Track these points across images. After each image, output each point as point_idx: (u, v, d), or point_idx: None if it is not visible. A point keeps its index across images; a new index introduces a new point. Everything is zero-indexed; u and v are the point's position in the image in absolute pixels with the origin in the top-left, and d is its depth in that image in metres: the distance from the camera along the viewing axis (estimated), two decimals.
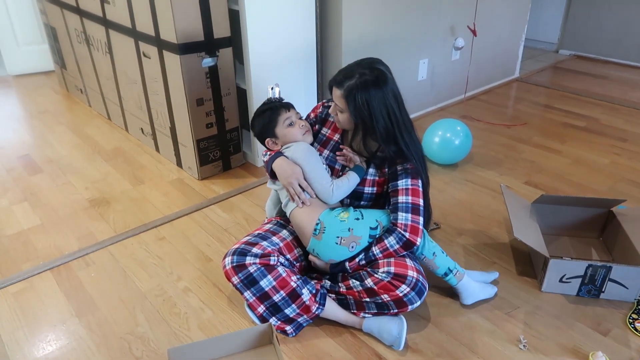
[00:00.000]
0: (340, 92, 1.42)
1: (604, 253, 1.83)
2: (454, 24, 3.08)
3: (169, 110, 2.33)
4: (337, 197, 1.51)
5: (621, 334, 1.48)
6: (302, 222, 1.50)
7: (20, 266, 1.80)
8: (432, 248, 1.53)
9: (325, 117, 1.65)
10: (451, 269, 1.54)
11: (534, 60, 4.36)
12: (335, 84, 1.45)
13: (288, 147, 1.54)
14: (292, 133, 1.55)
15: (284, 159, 1.51)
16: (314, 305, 1.46)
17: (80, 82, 3.25)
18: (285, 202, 1.56)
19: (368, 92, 1.39)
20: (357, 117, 1.43)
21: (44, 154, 2.67)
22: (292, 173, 1.48)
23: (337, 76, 1.45)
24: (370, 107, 1.39)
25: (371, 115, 1.41)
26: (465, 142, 2.40)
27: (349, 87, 1.40)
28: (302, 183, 1.49)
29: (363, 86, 1.39)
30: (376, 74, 1.40)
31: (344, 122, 1.49)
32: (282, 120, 1.54)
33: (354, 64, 1.45)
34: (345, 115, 1.46)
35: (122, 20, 2.37)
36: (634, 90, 3.61)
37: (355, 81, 1.39)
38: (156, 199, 2.23)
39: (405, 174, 1.46)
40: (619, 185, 2.31)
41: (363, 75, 1.39)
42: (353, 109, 1.42)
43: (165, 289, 1.68)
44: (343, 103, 1.43)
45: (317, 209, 1.50)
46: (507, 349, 1.43)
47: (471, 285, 1.57)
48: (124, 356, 1.43)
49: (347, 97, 1.41)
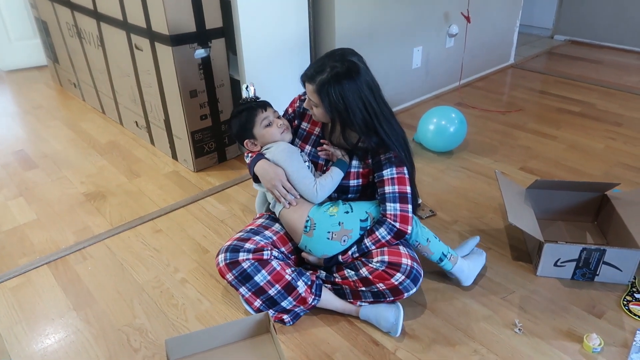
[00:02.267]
0: (313, 87, 1.39)
1: (598, 237, 1.84)
2: (448, 10, 3.07)
3: (163, 103, 2.32)
4: (322, 196, 1.50)
5: (615, 316, 1.50)
6: (292, 221, 1.50)
7: (17, 261, 1.80)
8: (426, 234, 1.53)
9: (303, 111, 1.62)
10: (445, 254, 1.55)
11: (528, 46, 4.35)
12: (307, 79, 1.41)
13: (268, 149, 1.53)
14: (270, 133, 1.53)
15: (265, 161, 1.50)
16: (310, 296, 1.46)
17: (74, 76, 3.23)
18: (273, 203, 1.55)
19: (341, 85, 1.35)
20: (332, 112, 1.40)
21: (38, 149, 2.66)
22: (275, 176, 1.47)
23: (309, 70, 1.41)
24: (345, 101, 1.36)
25: (347, 108, 1.38)
26: (460, 129, 2.40)
27: (320, 81, 1.37)
28: (285, 185, 1.48)
29: (335, 80, 1.35)
30: (348, 65, 1.36)
31: (320, 116, 1.47)
32: (260, 121, 1.52)
33: (325, 57, 1.41)
34: (320, 109, 1.43)
35: (113, 13, 2.35)
36: (629, 74, 3.61)
37: (327, 75, 1.36)
38: (152, 191, 2.23)
39: (389, 163, 1.45)
40: (613, 170, 2.32)
41: (334, 68, 1.36)
42: (328, 104, 1.39)
43: (163, 281, 1.69)
44: (316, 98, 1.40)
45: (305, 206, 1.50)
46: (503, 333, 1.44)
47: (465, 266, 1.58)
48: (122, 348, 1.43)
49: (320, 92, 1.38)
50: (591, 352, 1.37)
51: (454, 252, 1.57)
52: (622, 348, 1.39)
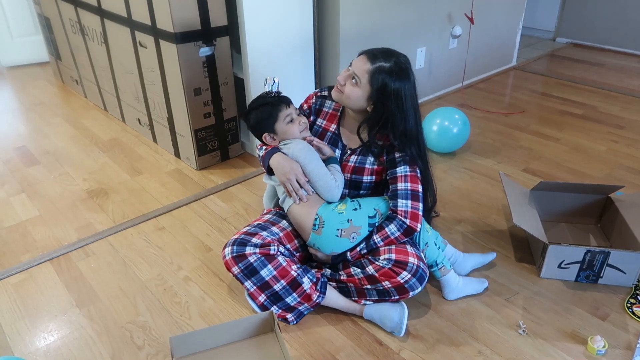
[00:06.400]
0: (369, 67, 1.38)
1: (602, 239, 1.84)
2: (451, 11, 3.07)
3: (166, 101, 2.32)
4: (339, 194, 1.50)
5: (619, 319, 1.50)
6: (301, 218, 1.49)
7: (19, 257, 1.80)
8: (426, 239, 1.54)
9: (319, 107, 1.62)
10: (437, 263, 1.55)
11: (531, 48, 4.35)
12: (368, 56, 1.39)
13: (286, 144, 1.52)
14: (291, 130, 1.53)
15: (281, 155, 1.49)
16: (314, 293, 1.46)
17: (76, 73, 3.23)
18: (283, 198, 1.55)
19: (401, 81, 1.37)
20: (379, 104, 1.40)
21: (40, 145, 2.65)
22: (291, 169, 1.47)
23: (374, 49, 1.40)
24: (402, 99, 1.38)
25: (402, 109, 1.39)
26: (463, 131, 2.40)
27: (381, 67, 1.37)
28: (300, 179, 1.47)
29: (397, 73, 1.36)
30: (408, 67, 1.39)
31: (353, 97, 1.43)
32: (283, 117, 1.52)
33: (390, 50, 1.42)
34: (360, 91, 1.41)
35: (117, 10, 2.35)
36: (631, 77, 3.62)
37: (391, 65, 1.36)
38: (154, 189, 2.22)
39: (403, 161, 1.46)
40: (616, 172, 2.32)
41: (399, 63, 1.37)
42: (375, 92, 1.39)
43: (166, 279, 1.68)
44: (366, 79, 1.38)
45: (314, 204, 1.49)
46: (507, 334, 1.44)
47: (454, 282, 1.56)
48: (126, 345, 1.43)
49: (374, 75, 1.37)
50: (595, 354, 1.37)
51: (447, 264, 1.56)
52: (626, 350, 1.39)
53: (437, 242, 1.58)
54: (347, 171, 1.56)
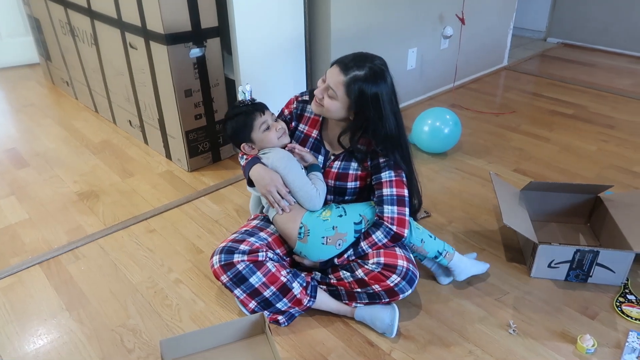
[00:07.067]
0: (342, 79, 1.34)
1: (591, 238, 1.86)
2: (443, 12, 3.08)
3: (157, 102, 2.31)
4: (321, 203, 1.49)
5: (608, 317, 1.51)
6: (286, 227, 1.48)
7: (8, 261, 1.78)
8: (420, 235, 1.53)
9: (301, 112, 1.59)
10: (440, 252, 1.55)
11: (522, 48, 4.37)
12: (340, 66, 1.35)
13: (265, 154, 1.50)
14: (268, 137, 1.50)
15: (261, 166, 1.47)
16: (305, 298, 1.46)
17: (66, 75, 3.21)
18: (267, 208, 1.54)
19: (378, 86, 1.33)
20: (359, 112, 1.37)
21: (30, 147, 2.63)
22: (271, 181, 1.45)
23: (345, 59, 1.36)
24: (379, 104, 1.35)
25: (381, 114, 1.36)
26: (454, 131, 2.41)
27: (355, 77, 1.33)
28: (280, 190, 1.45)
29: (373, 78, 1.32)
30: (384, 71, 1.36)
31: (332, 109, 1.40)
32: (259, 125, 1.49)
33: (363, 54, 1.37)
34: (338, 104, 1.38)
35: (107, 11, 2.34)
36: (621, 77, 3.64)
37: (366, 71, 1.32)
38: (146, 191, 2.21)
39: (388, 166, 1.44)
40: (606, 172, 2.34)
41: (373, 68, 1.33)
42: (354, 102, 1.35)
43: (157, 281, 1.67)
44: (342, 91, 1.35)
45: (298, 212, 1.48)
46: (497, 334, 1.45)
47: (462, 262, 1.58)
48: (116, 348, 1.42)
49: (349, 86, 1.34)
50: (585, 353, 1.38)
51: (450, 249, 1.57)
52: (615, 349, 1.40)
53: (430, 235, 1.58)
54: (331, 177, 1.53)
